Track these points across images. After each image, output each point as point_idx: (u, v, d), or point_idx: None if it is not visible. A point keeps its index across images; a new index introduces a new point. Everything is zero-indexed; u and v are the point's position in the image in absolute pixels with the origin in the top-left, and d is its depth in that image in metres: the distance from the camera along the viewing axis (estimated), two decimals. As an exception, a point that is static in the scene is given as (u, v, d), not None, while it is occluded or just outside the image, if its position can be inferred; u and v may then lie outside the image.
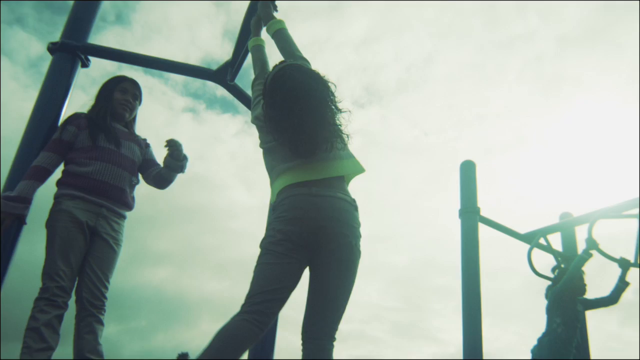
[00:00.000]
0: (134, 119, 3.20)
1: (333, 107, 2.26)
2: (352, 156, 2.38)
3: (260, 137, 2.43)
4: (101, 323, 2.76)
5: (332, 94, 2.28)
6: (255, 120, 2.48)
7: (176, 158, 3.05)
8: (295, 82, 2.22)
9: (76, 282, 2.76)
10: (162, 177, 3.10)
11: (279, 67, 2.31)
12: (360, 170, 2.36)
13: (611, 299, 4.55)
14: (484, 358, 4.19)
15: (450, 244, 4.66)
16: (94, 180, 2.81)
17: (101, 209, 2.82)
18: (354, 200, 2.28)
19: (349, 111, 2.31)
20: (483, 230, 4.91)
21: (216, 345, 1.99)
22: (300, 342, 2.18)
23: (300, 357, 2.15)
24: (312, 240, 2.15)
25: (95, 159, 2.85)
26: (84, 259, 2.77)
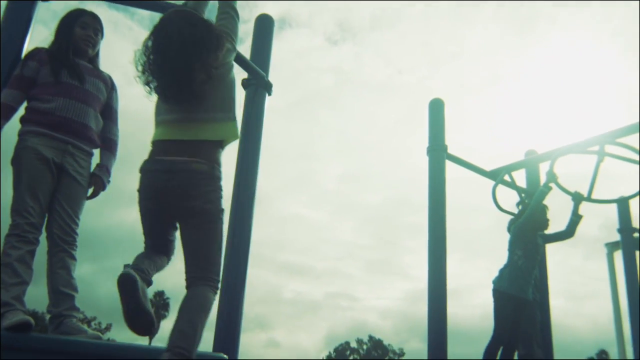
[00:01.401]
0: (97, 54, 3.13)
1: (213, 64, 2.29)
2: (230, 120, 2.41)
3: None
4: (73, 258, 2.81)
5: (216, 50, 2.31)
6: None
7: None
8: (172, 26, 2.26)
9: (46, 219, 2.79)
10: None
11: (168, 11, 2.36)
12: (227, 137, 2.39)
13: (567, 233, 4.75)
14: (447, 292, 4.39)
15: (423, 183, 4.75)
16: (58, 117, 2.79)
17: (67, 145, 2.82)
18: (212, 167, 2.31)
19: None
20: (454, 169, 5.04)
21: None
22: None
23: None
24: (162, 206, 2.32)
25: (58, 95, 2.82)
26: (53, 196, 2.78)
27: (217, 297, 2.38)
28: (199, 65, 2.25)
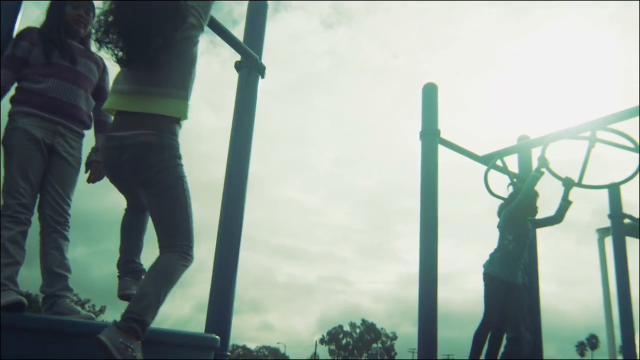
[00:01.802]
0: (89, 35, 3.09)
1: (171, 33, 2.29)
2: (180, 97, 2.41)
3: None
4: (66, 239, 2.82)
5: (176, 21, 2.32)
6: None
7: None
8: None
9: (38, 200, 2.79)
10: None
11: None
12: (174, 114, 2.38)
13: (556, 218, 4.79)
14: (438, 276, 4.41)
15: (417, 167, 4.77)
16: (49, 98, 2.78)
17: (57, 126, 2.82)
18: (162, 136, 2.32)
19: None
20: (448, 154, 5.06)
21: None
22: None
23: None
24: (121, 181, 2.47)
25: (50, 76, 2.81)
26: (44, 177, 2.79)
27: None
28: (155, 32, 2.25)
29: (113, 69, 3.19)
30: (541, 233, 5.26)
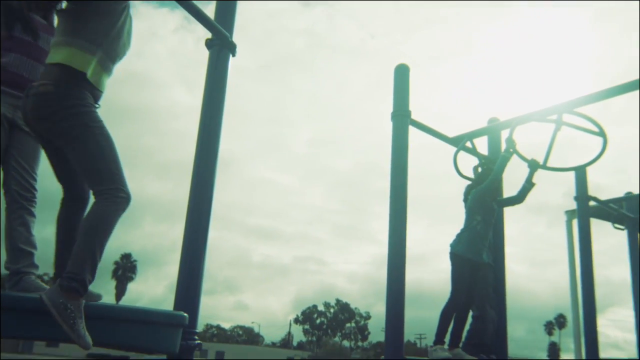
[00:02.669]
0: (52, 9, 3.06)
1: None
2: (86, 50, 2.42)
3: None
4: (32, 215, 2.80)
5: None
6: None
7: None
8: None
9: (3, 176, 2.76)
10: None
11: None
12: (75, 65, 2.39)
13: (518, 198, 4.90)
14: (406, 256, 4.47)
15: (391, 148, 4.80)
16: (10, 73, 2.75)
17: (18, 100, 2.77)
18: (58, 86, 2.34)
19: None
20: (424, 135, 5.10)
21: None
22: None
23: None
24: (32, 131, 2.49)
25: (10, 50, 2.77)
26: (7, 152, 2.76)
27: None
28: None
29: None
30: (513, 215, 5.38)
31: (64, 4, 2.48)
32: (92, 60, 2.43)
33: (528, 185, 4.77)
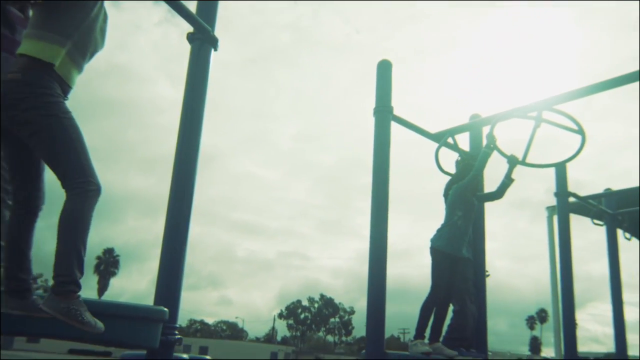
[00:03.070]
0: (27, 3, 3.03)
1: None
2: (54, 42, 2.43)
3: None
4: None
5: None
6: None
7: None
8: None
9: None
10: None
11: None
12: (41, 56, 2.39)
13: (497, 194, 4.95)
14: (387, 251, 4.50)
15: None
16: None
17: None
18: (26, 75, 2.34)
19: None
20: (408, 131, 5.13)
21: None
22: None
23: None
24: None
25: None
26: None
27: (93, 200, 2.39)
28: None
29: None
30: (496, 210, 5.45)
31: None
32: (61, 52, 2.43)
33: (507, 181, 4.82)
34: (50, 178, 2.49)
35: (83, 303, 2.31)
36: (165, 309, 3.07)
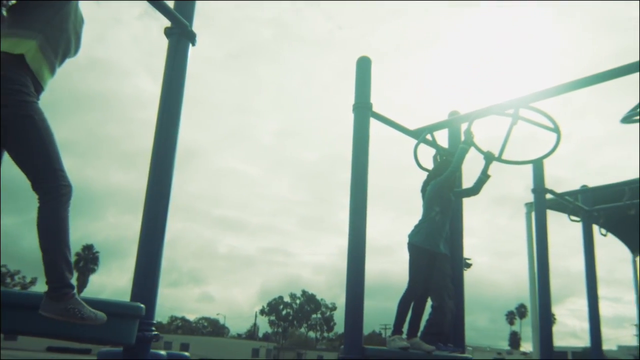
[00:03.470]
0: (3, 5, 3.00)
1: None
2: (28, 37, 2.44)
3: None
4: None
5: None
6: None
7: None
8: None
9: None
10: None
11: None
12: (17, 51, 2.39)
13: (473, 190, 5.00)
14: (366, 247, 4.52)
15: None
16: None
17: None
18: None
19: None
20: (389, 128, 5.15)
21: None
22: None
23: None
24: None
25: None
26: None
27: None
28: None
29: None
30: (476, 207, 5.50)
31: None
32: (32, 44, 2.42)
33: (484, 177, 4.87)
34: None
35: (79, 300, 2.40)
36: (142, 305, 3.05)
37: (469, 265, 5.54)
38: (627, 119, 4.02)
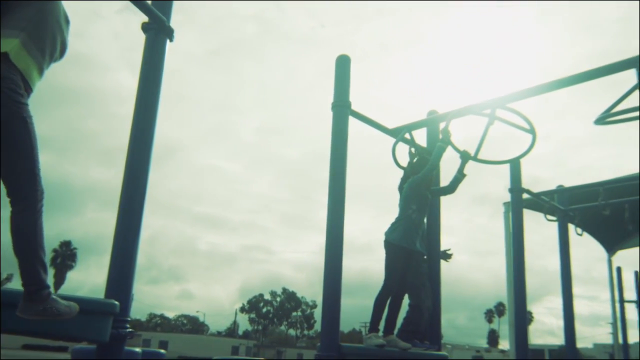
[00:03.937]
0: None
1: None
2: (13, 36, 2.42)
3: None
4: None
5: None
6: None
7: None
8: None
9: None
10: None
11: None
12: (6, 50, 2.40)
13: (449, 189, 5.04)
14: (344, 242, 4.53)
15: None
16: None
17: None
18: None
19: None
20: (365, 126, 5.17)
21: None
22: None
23: None
24: None
25: None
26: None
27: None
28: None
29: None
30: (456, 206, 5.55)
31: None
32: (14, 42, 2.40)
33: (459, 176, 4.91)
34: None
35: (54, 297, 2.45)
36: (116, 302, 3.03)
37: (449, 256, 5.56)
38: (600, 121, 4.08)
